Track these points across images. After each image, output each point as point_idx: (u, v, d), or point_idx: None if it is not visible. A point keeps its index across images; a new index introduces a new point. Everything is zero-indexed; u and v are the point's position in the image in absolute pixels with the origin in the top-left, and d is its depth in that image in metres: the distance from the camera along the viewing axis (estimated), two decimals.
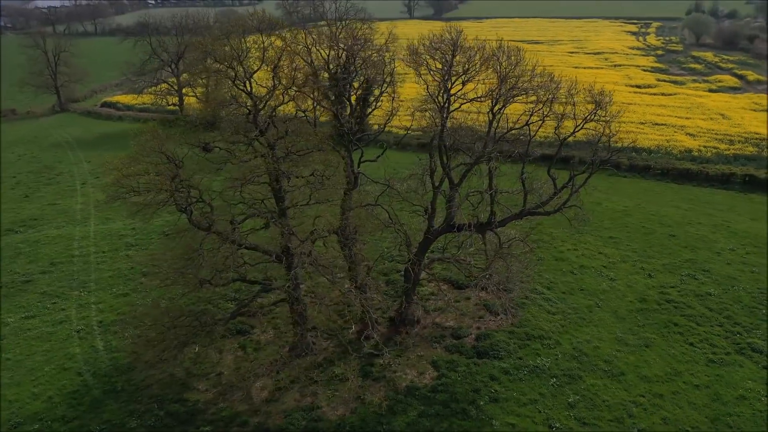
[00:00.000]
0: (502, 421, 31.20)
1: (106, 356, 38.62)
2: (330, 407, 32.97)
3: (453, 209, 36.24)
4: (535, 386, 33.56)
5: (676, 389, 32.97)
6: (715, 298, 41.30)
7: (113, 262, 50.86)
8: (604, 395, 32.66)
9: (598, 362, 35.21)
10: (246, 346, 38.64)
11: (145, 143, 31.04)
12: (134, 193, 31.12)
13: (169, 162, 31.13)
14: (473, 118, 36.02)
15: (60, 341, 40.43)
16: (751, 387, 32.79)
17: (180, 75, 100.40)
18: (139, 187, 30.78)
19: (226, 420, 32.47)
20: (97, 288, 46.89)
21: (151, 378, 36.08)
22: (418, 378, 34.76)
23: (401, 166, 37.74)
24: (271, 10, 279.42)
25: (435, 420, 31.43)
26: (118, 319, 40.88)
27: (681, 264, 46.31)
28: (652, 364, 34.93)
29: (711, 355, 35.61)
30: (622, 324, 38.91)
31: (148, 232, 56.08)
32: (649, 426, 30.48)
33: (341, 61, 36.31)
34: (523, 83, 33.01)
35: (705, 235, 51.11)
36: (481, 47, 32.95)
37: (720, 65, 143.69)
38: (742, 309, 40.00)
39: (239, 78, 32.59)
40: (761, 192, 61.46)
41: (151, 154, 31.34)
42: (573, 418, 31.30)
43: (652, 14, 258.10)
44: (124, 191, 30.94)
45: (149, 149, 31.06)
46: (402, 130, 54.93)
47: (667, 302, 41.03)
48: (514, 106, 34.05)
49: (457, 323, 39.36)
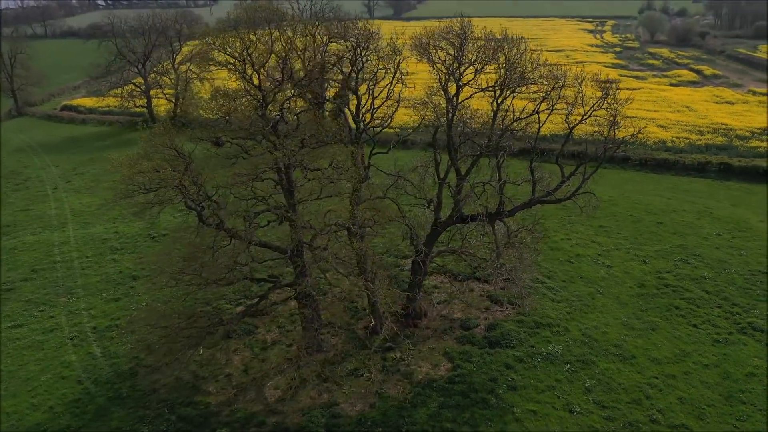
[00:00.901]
0: (522, 409, 31.31)
1: (105, 362, 37.24)
2: (348, 403, 32.51)
3: (461, 200, 36.24)
4: (550, 373, 33.81)
5: (686, 369, 33.70)
6: (710, 281, 42.43)
7: (99, 267, 49.11)
8: (619, 378, 33.13)
9: (609, 347, 35.70)
10: (253, 347, 37.83)
11: (155, 139, 29.95)
12: (143, 191, 30.04)
13: (179, 158, 30.14)
14: (478, 110, 36.09)
15: (53, 350, 38.80)
16: (758, 364, 33.78)
17: (147, 76, 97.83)
18: (150, 185, 29.70)
19: (242, 421, 31.68)
20: (86, 294, 45.19)
21: (157, 383, 35.05)
22: (434, 370, 34.61)
23: (407, 165, 37.51)
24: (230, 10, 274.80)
25: (456, 411, 31.32)
26: (122, 323, 39.42)
27: (672, 250, 47.45)
28: (660, 347, 35.62)
29: (715, 335, 36.55)
30: (625, 309, 39.59)
31: (133, 235, 54.40)
32: (667, 406, 31.06)
33: (352, 55, 35.62)
34: (530, 72, 33.25)
35: (690, 222, 52.52)
36: (490, 37, 33.04)
37: (677, 61, 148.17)
38: (737, 290, 41.21)
39: (248, 71, 31.73)
40: (736, 179, 63.58)
41: (161, 150, 30.32)
42: (592, 402, 31.64)
43: (605, 13, 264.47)
44: (134, 189, 29.83)
45: (159, 145, 30.01)
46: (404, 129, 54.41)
47: (666, 287, 41.96)
48: (517, 102, 34.20)
49: (465, 315, 39.37)
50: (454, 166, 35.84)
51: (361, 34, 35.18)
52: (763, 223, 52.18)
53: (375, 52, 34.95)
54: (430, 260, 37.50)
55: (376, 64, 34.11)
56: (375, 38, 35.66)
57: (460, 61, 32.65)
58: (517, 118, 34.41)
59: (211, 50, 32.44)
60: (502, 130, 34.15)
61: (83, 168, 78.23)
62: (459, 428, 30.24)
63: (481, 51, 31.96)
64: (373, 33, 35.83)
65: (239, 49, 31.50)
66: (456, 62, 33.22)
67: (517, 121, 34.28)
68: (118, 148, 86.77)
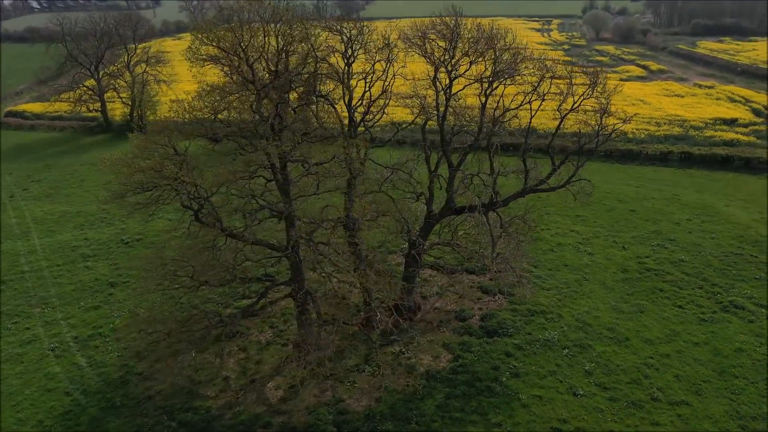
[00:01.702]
0: (528, 394, 31.70)
1: (92, 372, 35.77)
2: (353, 399, 32.21)
3: (454, 191, 36.46)
4: (550, 358, 34.35)
5: (678, 348, 34.81)
6: (688, 264, 43.98)
7: (72, 275, 47.13)
8: (616, 360, 33.94)
9: (602, 330, 36.54)
10: (247, 348, 37.03)
11: (151, 137, 28.99)
12: (140, 191, 29.03)
13: (176, 155, 29.25)
14: (471, 106, 36.35)
15: (34, 362, 37.03)
16: (744, 340, 35.20)
17: (101, 79, 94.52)
18: (147, 184, 28.71)
19: (246, 423, 30.97)
20: (62, 303, 43.28)
21: (151, 390, 33.96)
22: (435, 362, 34.65)
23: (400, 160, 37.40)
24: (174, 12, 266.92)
25: (463, 400, 31.45)
26: (105, 330, 37.94)
27: (648, 236, 48.96)
28: (651, 328, 36.69)
29: (700, 314, 37.89)
30: (612, 294, 40.62)
31: (105, 241, 52.42)
32: (666, 384, 32.01)
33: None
34: (519, 63, 33.78)
35: (661, 208, 54.34)
36: (478, 27, 33.39)
37: (623, 57, 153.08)
38: (714, 272, 42.85)
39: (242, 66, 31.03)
40: (697, 167, 66.22)
41: (156, 149, 29.34)
42: (593, 384, 32.31)
43: (550, 12, 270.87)
44: (131, 188, 28.79)
45: (155, 143, 29.05)
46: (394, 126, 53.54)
47: (647, 270, 43.26)
48: (509, 91, 34.68)
49: (458, 306, 39.59)
50: (446, 157, 36.03)
51: (353, 26, 34.79)
52: (728, 207, 54.47)
53: (363, 46, 34.61)
54: (425, 252, 37.51)
55: (373, 56, 33.82)
56: (367, 31, 35.33)
57: (453, 53, 32.81)
58: (507, 109, 34.87)
59: (201, 44, 31.33)
60: (494, 120, 34.51)
61: (39, 175, 74.91)
62: (468, 417, 30.39)
63: (473, 42, 32.14)
64: (364, 26, 35.52)
65: (231, 42, 30.75)
66: (448, 54, 33.41)
67: (508, 111, 34.72)
68: (75, 155, 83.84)
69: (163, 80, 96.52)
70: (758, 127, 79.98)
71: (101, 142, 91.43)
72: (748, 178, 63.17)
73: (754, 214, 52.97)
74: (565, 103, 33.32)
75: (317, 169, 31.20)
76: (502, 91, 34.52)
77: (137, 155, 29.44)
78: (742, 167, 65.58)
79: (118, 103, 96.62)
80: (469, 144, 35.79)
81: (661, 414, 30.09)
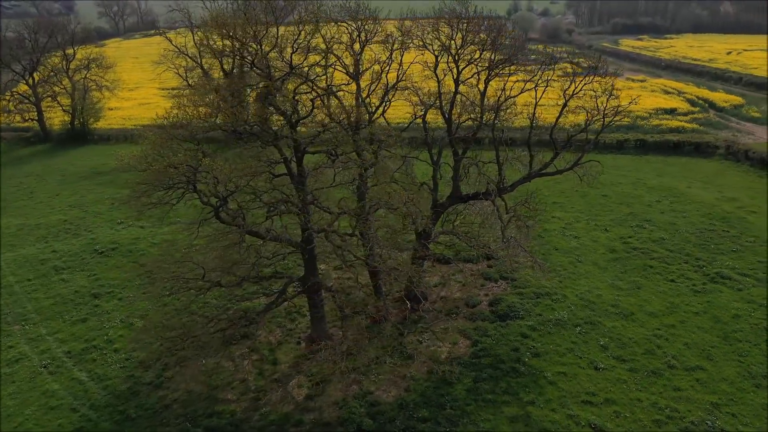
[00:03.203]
0: (552, 372, 32.44)
1: (96, 386, 33.78)
2: (381, 390, 31.94)
3: (459, 180, 36.94)
4: (565, 337, 35.28)
5: (681, 319, 36.56)
6: (669, 242, 46.26)
7: (48, 289, 44.31)
8: (627, 334, 35.27)
9: (607, 307, 37.88)
10: (259, 349, 36.04)
11: (169, 131, 27.79)
12: (161, 189, 27.82)
13: (198, 149, 28.20)
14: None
15: (26, 381, 34.60)
16: (739, 306, 37.39)
17: (36, 86, 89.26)
18: (168, 180, 27.51)
19: (277, 423, 30.13)
20: (43, 318, 40.62)
21: (166, 398, 32.50)
22: (454, 348, 34.88)
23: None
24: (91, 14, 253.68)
25: (491, 382, 31.82)
26: (131, 337, 35.86)
27: (625, 218, 51.16)
28: (651, 302, 38.35)
29: (692, 287, 39.94)
30: (607, 273, 42.18)
31: (76, 252, 49.56)
32: (678, 352, 33.54)
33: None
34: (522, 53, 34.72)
35: (630, 192, 56.90)
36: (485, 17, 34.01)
37: (556, 55, 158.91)
38: (694, 247, 45.30)
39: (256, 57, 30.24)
40: (652, 153, 69.81)
41: (172, 146, 28.18)
42: (611, 357, 33.44)
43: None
44: (151, 187, 27.51)
45: (174, 137, 27.88)
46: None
47: (634, 250, 45.21)
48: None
49: (464, 294, 40.01)
50: (452, 145, 36.45)
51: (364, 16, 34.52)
52: (690, 189, 57.72)
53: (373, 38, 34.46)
54: (435, 241, 37.71)
55: (389, 46, 33.76)
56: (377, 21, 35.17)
57: (463, 42, 33.35)
58: (507, 98, 35.73)
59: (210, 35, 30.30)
60: (497, 106, 35.30)
61: None
62: (500, 398, 30.76)
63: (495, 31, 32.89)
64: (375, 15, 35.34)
65: (242, 35, 29.93)
66: (453, 42, 33.94)
67: (507, 100, 35.57)
68: (15, 167, 78.74)
69: (105, 86, 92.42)
70: (696, 115, 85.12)
71: (41, 152, 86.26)
72: (700, 162, 67.13)
73: (715, 194, 56.37)
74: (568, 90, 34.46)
75: (347, 158, 30.83)
76: (506, 80, 35.37)
77: (153, 152, 28.19)
78: (693, 152, 69.65)
79: (56, 111, 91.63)
80: (473, 132, 36.37)
81: (680, 380, 31.51)
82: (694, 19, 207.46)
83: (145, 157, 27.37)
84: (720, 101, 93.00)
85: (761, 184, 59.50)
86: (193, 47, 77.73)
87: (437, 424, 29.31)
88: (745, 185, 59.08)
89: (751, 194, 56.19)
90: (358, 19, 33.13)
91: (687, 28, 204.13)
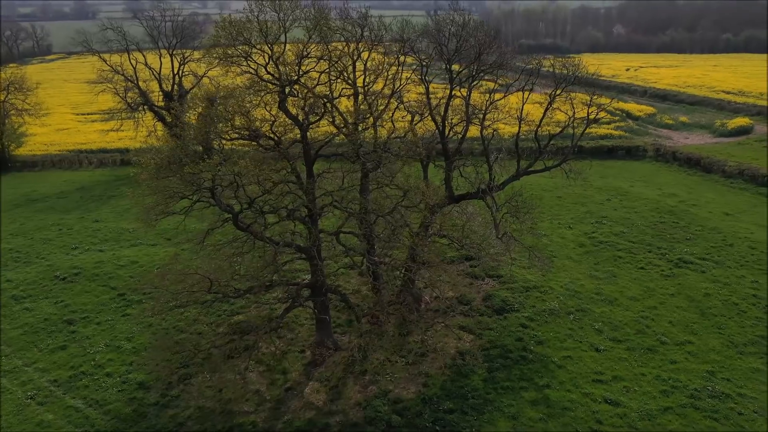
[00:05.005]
0: (558, 356, 34.06)
1: (96, 412, 31.92)
2: (400, 388, 32.27)
3: (450, 181, 38.28)
4: (561, 324, 37.12)
5: (660, 301, 39.43)
6: (628, 235, 49.70)
7: (12, 320, 41.22)
8: (616, 317, 37.61)
9: (592, 295, 40.21)
10: (263, 360, 35.37)
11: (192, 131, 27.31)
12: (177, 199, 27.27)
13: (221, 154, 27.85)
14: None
15: (14, 414, 32.15)
16: (707, 286, 40.84)
17: None
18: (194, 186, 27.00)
19: (304, 429, 29.76)
20: (15, 349, 37.82)
21: (178, 416, 31.34)
22: (460, 343, 35.80)
23: None
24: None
25: (505, 371, 32.97)
26: (141, 357, 34.16)
27: (583, 216, 54.42)
28: (629, 288, 41.10)
29: (661, 272, 43.18)
30: (582, 265, 44.74)
31: (34, 280, 46.30)
32: (666, 330, 36.17)
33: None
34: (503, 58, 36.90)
35: (581, 193, 60.46)
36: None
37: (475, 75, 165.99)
38: (653, 238, 48.94)
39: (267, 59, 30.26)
40: (590, 158, 73.86)
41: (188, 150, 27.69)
42: (608, 339, 35.56)
43: None
44: (169, 197, 26.90)
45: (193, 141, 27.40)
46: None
47: (600, 243, 48.23)
48: None
49: (456, 293, 41.08)
50: (443, 145, 37.83)
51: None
52: (633, 188, 62.26)
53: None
54: (428, 242, 38.61)
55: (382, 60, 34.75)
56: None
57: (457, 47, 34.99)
58: (495, 100, 37.72)
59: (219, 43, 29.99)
60: (487, 106, 37.17)
61: None
62: (517, 384, 31.95)
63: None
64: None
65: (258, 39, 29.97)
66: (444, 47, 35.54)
67: (497, 101, 37.57)
68: None
69: (25, 109, 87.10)
70: (618, 123, 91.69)
71: None
72: (634, 164, 72.50)
73: (656, 191, 61.15)
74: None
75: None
76: (494, 86, 37.38)
77: (170, 157, 27.56)
78: (625, 155, 75.11)
79: None
80: (461, 136, 37.99)
81: (674, 354, 34.02)
82: (591, 40, 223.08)
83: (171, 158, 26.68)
84: (636, 111, 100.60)
85: (692, 181, 65.24)
86: (130, 68, 75.45)
87: (464, 414, 30.03)
88: (679, 182, 64.55)
89: (687, 190, 61.47)
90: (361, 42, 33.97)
91: (585, 49, 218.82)
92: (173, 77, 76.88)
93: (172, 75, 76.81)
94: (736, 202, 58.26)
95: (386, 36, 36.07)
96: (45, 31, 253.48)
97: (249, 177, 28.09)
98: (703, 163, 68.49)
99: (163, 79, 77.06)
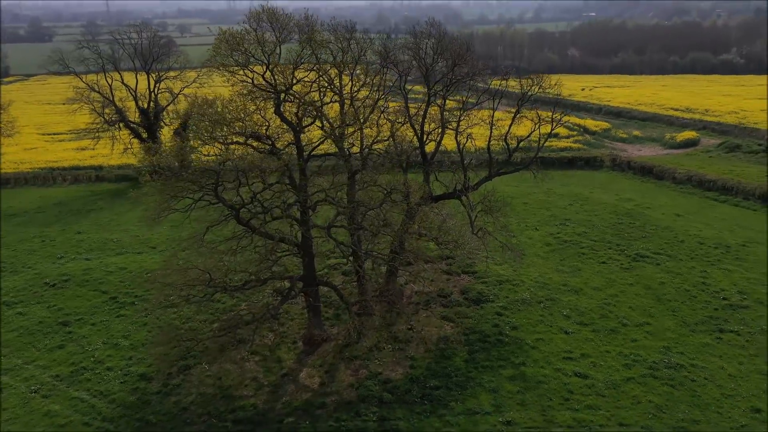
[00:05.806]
0: (531, 339, 37.30)
1: (101, 402, 33.65)
2: (389, 370, 34.92)
3: (429, 180, 41.57)
4: (532, 312, 40.43)
5: (621, 290, 43.20)
6: (590, 234, 53.69)
7: (6, 324, 42.42)
8: (582, 305, 41.14)
9: (559, 287, 43.74)
10: (258, 352, 37.57)
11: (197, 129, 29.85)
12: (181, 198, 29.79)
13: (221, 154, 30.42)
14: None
15: (20, 406, 33.62)
16: (662, 277, 44.84)
17: None
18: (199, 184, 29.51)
19: (302, 408, 32.12)
20: (13, 350, 39.14)
21: (181, 402, 33.27)
22: (442, 330, 38.72)
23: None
24: None
25: (484, 353, 36.00)
26: (148, 345, 36.03)
27: (548, 219, 58.32)
28: (592, 280, 44.80)
29: (621, 266, 47.10)
30: (549, 261, 48.36)
31: (24, 287, 47.43)
32: (626, 314, 39.84)
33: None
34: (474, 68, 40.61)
35: (545, 200, 64.55)
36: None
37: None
38: (612, 237, 53.02)
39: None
40: (553, 169, 78.66)
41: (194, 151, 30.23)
42: (575, 323, 38.99)
43: None
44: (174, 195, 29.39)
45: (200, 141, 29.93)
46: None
47: (564, 242, 52.03)
48: None
49: (435, 287, 44.11)
50: (421, 150, 41.11)
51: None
52: (592, 193, 66.71)
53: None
54: (411, 236, 41.63)
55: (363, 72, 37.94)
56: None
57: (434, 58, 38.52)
58: (469, 108, 41.37)
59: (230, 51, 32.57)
60: (462, 112, 40.72)
61: None
62: (496, 363, 35.00)
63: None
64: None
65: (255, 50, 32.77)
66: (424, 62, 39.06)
67: (476, 106, 41.30)
68: None
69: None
70: (576, 137, 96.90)
71: None
72: (592, 173, 77.28)
73: (613, 196, 65.67)
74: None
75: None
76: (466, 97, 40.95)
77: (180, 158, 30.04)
78: (584, 165, 79.91)
79: None
80: (438, 140, 41.42)
81: (634, 333, 37.63)
82: (547, 62, 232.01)
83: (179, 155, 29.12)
84: (592, 126, 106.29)
85: (645, 187, 70.29)
86: (106, 86, 77.08)
87: (449, 390, 32.87)
88: (634, 188, 69.45)
89: (641, 195, 66.27)
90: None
91: (542, 70, 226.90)
92: (149, 95, 78.78)
93: (148, 93, 78.70)
94: (686, 204, 63.22)
95: (368, 51, 39.07)
96: (2, 53, 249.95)
97: (251, 176, 30.69)
98: (656, 171, 73.72)
99: (139, 96, 78.87)
